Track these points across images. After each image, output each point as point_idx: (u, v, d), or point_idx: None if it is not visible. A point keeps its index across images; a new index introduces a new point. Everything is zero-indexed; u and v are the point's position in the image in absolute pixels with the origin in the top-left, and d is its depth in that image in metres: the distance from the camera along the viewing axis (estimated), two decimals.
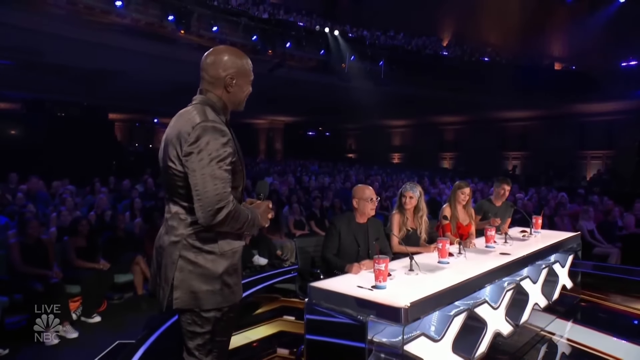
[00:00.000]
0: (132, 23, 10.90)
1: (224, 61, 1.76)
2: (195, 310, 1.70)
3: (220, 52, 1.79)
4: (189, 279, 1.68)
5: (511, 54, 17.91)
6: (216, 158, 1.61)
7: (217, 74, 1.76)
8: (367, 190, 3.42)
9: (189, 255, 1.69)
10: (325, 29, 14.77)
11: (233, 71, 1.77)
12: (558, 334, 3.87)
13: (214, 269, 1.70)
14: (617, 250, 6.48)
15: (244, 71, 1.81)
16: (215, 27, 12.19)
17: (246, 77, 1.83)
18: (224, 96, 1.79)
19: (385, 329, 2.37)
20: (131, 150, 18.15)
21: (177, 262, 1.69)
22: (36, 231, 4.26)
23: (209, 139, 1.62)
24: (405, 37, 17.36)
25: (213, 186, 1.59)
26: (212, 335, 1.73)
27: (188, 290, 1.68)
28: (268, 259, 6.44)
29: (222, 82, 1.77)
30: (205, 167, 1.60)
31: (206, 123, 1.65)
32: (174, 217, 1.75)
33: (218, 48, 1.81)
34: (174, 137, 1.70)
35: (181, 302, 1.69)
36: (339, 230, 3.37)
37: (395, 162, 25.23)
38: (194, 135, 1.62)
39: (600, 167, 18.24)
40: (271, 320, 4.16)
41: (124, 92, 15.00)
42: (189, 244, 1.69)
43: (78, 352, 3.60)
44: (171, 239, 1.72)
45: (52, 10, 9.56)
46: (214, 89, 1.79)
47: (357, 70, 14.83)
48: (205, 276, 1.69)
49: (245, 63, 1.82)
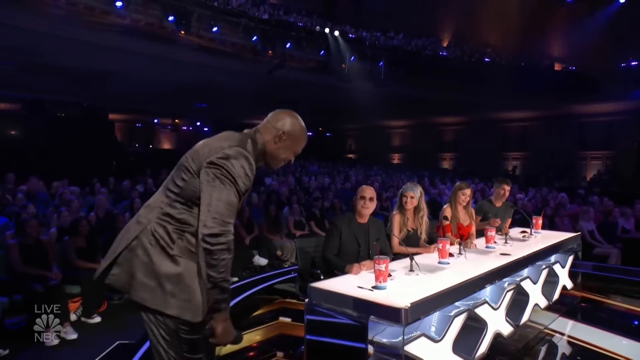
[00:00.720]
0: (132, 23, 10.90)
1: (287, 120, 1.90)
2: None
3: (290, 114, 1.93)
4: (133, 263, 1.68)
5: (511, 54, 17.91)
6: (235, 182, 1.66)
7: (275, 125, 1.88)
8: (364, 189, 3.43)
9: (144, 240, 1.69)
10: (325, 29, 14.77)
11: (289, 129, 1.89)
12: (559, 333, 3.86)
13: (157, 265, 1.66)
14: (617, 250, 6.48)
15: (298, 137, 1.92)
16: (215, 27, 12.19)
17: (297, 143, 1.93)
18: (269, 145, 1.88)
19: (385, 330, 2.37)
20: (131, 150, 18.15)
21: (131, 242, 1.69)
22: (35, 231, 4.25)
23: (237, 164, 1.68)
24: (405, 38, 17.37)
25: (224, 204, 1.62)
26: (176, 332, 1.67)
27: (127, 271, 1.68)
28: (268, 260, 6.44)
29: (274, 132, 1.88)
30: (223, 184, 1.64)
31: (242, 150, 1.72)
32: (149, 205, 1.79)
33: (287, 111, 1.93)
34: (208, 144, 1.76)
35: (116, 279, 1.70)
36: (340, 230, 3.37)
37: (395, 162, 25.22)
38: (226, 152, 1.68)
39: (600, 167, 18.23)
40: (270, 322, 4.13)
41: (124, 92, 15.02)
42: (150, 231, 1.69)
43: (78, 352, 3.60)
44: (138, 219, 1.75)
45: (52, 10, 9.56)
46: (264, 134, 1.89)
47: (357, 70, 14.83)
48: (146, 266, 1.66)
49: (302, 134, 1.94)
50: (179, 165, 1.79)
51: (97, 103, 15.42)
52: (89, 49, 10.82)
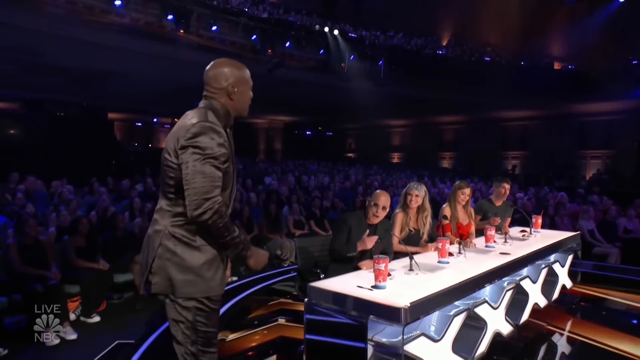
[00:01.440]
0: (131, 22, 10.89)
1: (224, 72, 1.92)
2: (175, 300, 1.81)
3: (221, 65, 1.94)
4: (166, 267, 1.80)
5: (511, 53, 17.90)
6: (209, 156, 1.74)
7: (220, 84, 1.91)
8: (379, 197, 3.43)
9: (168, 244, 1.81)
10: (325, 28, 14.75)
11: (234, 80, 1.92)
12: (560, 330, 3.86)
13: (189, 260, 1.80)
14: (616, 250, 6.48)
15: (243, 80, 1.96)
16: (214, 26, 12.18)
17: (246, 84, 1.98)
18: (228, 104, 1.94)
19: (385, 329, 2.36)
20: (131, 150, 18.13)
21: (157, 250, 1.81)
22: (34, 231, 4.24)
23: (205, 137, 1.75)
24: (404, 37, 17.35)
25: (201, 179, 1.71)
26: (193, 324, 1.82)
27: (165, 276, 1.81)
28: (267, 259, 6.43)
29: (224, 92, 1.92)
30: (197, 162, 1.72)
31: (205, 123, 1.78)
32: (159, 211, 1.89)
33: (218, 61, 1.96)
34: (174, 133, 1.84)
35: (158, 286, 1.82)
36: (350, 226, 3.37)
37: (395, 161, 25.22)
38: (192, 131, 1.75)
39: (600, 166, 18.23)
40: (269, 324, 4.07)
41: (124, 92, 15.00)
42: (169, 234, 1.82)
43: (77, 352, 3.59)
44: (155, 228, 1.86)
45: (51, 10, 9.55)
46: (218, 97, 1.93)
47: (356, 70, 14.81)
48: (180, 265, 1.80)
49: (244, 72, 1.97)
50: (162, 165, 1.88)
51: (96, 102, 15.40)
52: (89, 49, 10.81)
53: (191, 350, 1.82)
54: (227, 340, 3.63)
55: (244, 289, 5.16)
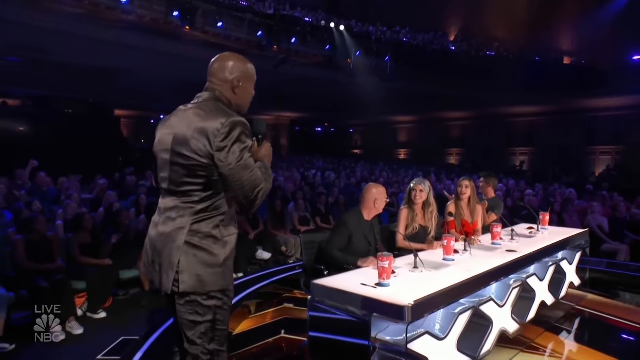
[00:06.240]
0: (136, 19, 10.89)
1: (230, 66, 1.92)
2: (196, 300, 1.79)
3: (227, 58, 1.94)
4: (194, 263, 1.79)
5: (518, 48, 17.72)
6: (245, 149, 1.78)
7: (224, 77, 1.91)
8: (371, 189, 3.50)
9: (193, 241, 1.79)
10: (331, 24, 14.68)
11: (239, 74, 1.92)
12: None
13: (217, 253, 1.82)
14: (625, 246, 6.40)
15: (248, 75, 1.96)
16: (220, 22, 12.15)
17: (251, 80, 1.98)
18: (231, 97, 1.93)
19: (388, 327, 2.35)
20: (137, 146, 18.22)
21: (182, 247, 1.79)
22: (43, 227, 4.26)
23: (238, 133, 1.76)
24: (411, 32, 17.22)
25: (249, 174, 1.76)
26: (213, 323, 1.82)
27: (193, 273, 1.78)
28: (272, 255, 6.44)
29: (229, 85, 1.92)
30: (239, 159, 1.75)
31: (234, 118, 1.78)
32: (173, 209, 1.84)
33: (223, 54, 1.96)
34: (196, 131, 1.77)
35: (187, 285, 1.78)
36: (351, 229, 3.36)
37: (401, 158, 25.13)
38: (224, 130, 1.74)
39: (609, 162, 18.03)
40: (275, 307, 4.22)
41: (129, 88, 15.04)
42: (194, 230, 1.80)
43: (83, 347, 3.61)
44: (176, 225, 1.82)
45: (57, 7, 9.58)
46: (223, 91, 1.92)
47: (362, 65, 14.74)
48: (208, 261, 1.80)
49: (249, 68, 1.97)
50: (176, 164, 1.80)
51: (103, 99, 15.46)
52: (95, 45, 10.84)
53: (208, 349, 1.81)
54: (231, 336, 3.64)
55: (249, 285, 5.17)
